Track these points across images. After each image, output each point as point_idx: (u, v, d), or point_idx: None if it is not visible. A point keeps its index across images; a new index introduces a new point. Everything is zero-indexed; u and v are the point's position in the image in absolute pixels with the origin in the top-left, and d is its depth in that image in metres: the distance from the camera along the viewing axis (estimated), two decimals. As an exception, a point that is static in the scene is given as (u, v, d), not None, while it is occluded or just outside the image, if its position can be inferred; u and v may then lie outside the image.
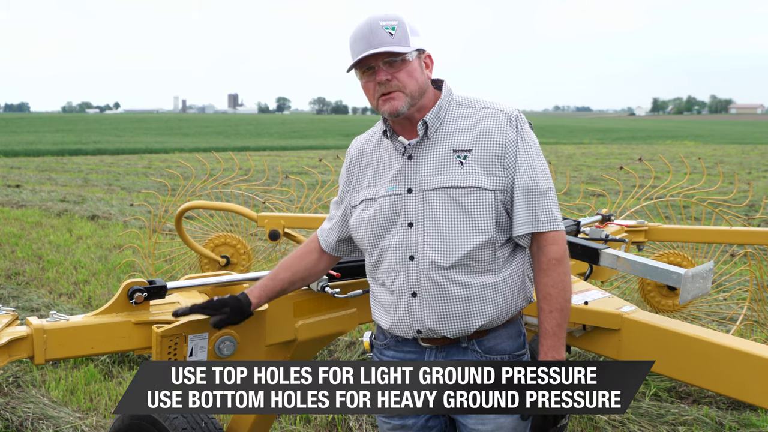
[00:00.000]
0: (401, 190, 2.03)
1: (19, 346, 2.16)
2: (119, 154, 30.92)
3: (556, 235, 2.01)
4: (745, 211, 8.70)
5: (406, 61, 1.97)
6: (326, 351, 5.09)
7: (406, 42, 1.96)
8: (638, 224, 4.26)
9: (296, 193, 6.72)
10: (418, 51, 2.00)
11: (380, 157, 2.12)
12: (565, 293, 2.00)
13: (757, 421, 3.96)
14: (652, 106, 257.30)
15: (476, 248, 1.97)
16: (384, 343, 2.17)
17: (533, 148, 2.02)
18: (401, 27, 1.96)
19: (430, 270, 1.99)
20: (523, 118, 2.04)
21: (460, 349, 2.06)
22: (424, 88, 2.02)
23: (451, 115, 2.04)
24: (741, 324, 4.61)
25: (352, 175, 2.20)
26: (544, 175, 2.02)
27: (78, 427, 3.89)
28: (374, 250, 2.10)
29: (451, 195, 1.97)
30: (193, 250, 4.95)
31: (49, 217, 11.60)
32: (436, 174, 1.99)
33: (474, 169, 1.97)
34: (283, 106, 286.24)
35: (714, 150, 35.26)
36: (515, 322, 2.12)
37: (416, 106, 2.02)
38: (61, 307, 6.14)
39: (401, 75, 1.97)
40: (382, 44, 1.94)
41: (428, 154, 2.02)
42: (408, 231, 2.01)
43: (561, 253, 2.01)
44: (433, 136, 2.03)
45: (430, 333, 2.04)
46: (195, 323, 2.26)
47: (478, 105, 2.05)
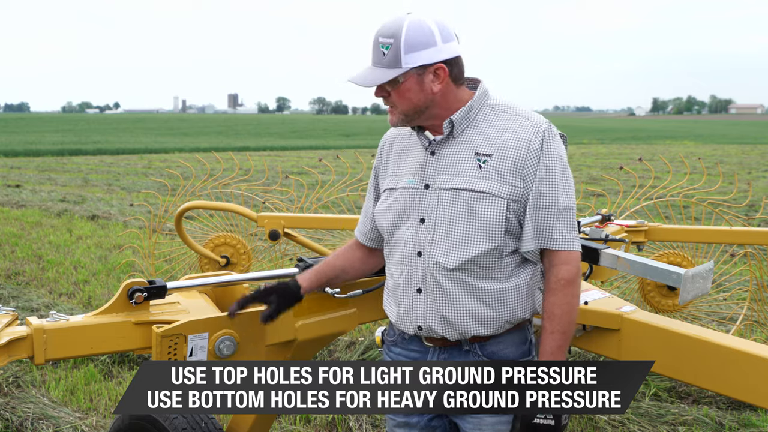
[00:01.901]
0: (419, 185, 2.03)
1: (19, 346, 2.16)
2: (119, 154, 30.90)
3: (568, 255, 1.97)
4: (745, 211, 8.70)
5: (397, 82, 1.96)
6: (326, 351, 5.09)
7: (396, 63, 1.92)
8: (638, 224, 4.26)
9: (296, 193, 6.71)
10: (418, 68, 1.94)
11: (409, 148, 2.11)
12: (570, 315, 1.96)
13: (757, 421, 3.96)
14: (652, 106, 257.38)
15: (482, 254, 1.95)
16: (392, 340, 2.18)
17: (558, 163, 1.96)
18: (395, 46, 1.92)
19: (434, 269, 1.99)
20: (553, 132, 1.98)
21: (462, 352, 2.05)
22: (423, 105, 1.98)
23: (481, 117, 2.02)
24: (741, 324, 4.61)
25: (380, 161, 2.20)
26: (565, 192, 1.97)
27: (78, 427, 3.89)
28: (389, 241, 2.11)
29: (464, 197, 1.96)
30: (193, 250, 4.95)
31: (49, 217, 11.60)
32: (454, 174, 1.98)
33: (490, 174, 1.94)
34: (283, 106, 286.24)
35: (714, 150, 35.26)
36: (521, 328, 2.09)
37: (421, 118, 2.01)
38: (61, 307, 6.14)
39: (393, 95, 1.98)
40: (375, 63, 1.96)
41: (450, 153, 2.01)
42: (419, 226, 2.01)
43: (572, 275, 1.96)
44: (458, 136, 2.01)
45: (429, 331, 2.03)
46: (195, 323, 2.26)
47: (510, 111, 2.02)
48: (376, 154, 2.25)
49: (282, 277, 2.75)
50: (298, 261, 2.68)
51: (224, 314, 2.34)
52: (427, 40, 1.93)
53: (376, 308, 2.77)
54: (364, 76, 1.97)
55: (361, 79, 1.98)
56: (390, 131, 2.22)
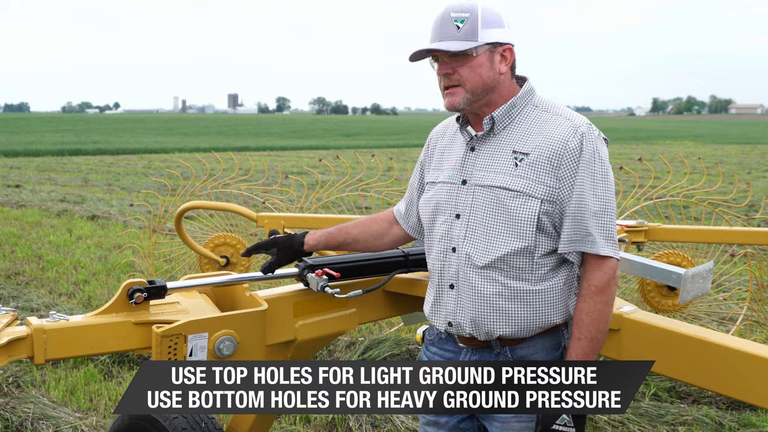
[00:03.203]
0: (457, 180, 2.03)
1: (18, 346, 2.16)
2: (119, 154, 30.89)
3: (602, 261, 1.93)
4: (745, 211, 8.69)
5: (469, 56, 1.93)
6: (326, 351, 5.09)
7: (473, 36, 1.91)
8: (638, 224, 4.26)
9: (296, 193, 6.72)
10: (491, 45, 1.94)
11: (453, 142, 2.11)
12: (599, 324, 1.92)
13: (757, 421, 3.96)
14: (651, 106, 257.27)
15: (512, 253, 1.93)
16: (431, 339, 2.18)
17: (597, 166, 1.92)
18: (471, 20, 1.91)
19: (466, 266, 1.98)
20: (594, 134, 1.95)
21: (493, 354, 2.03)
22: (491, 83, 1.97)
23: (524, 115, 2.00)
24: (741, 324, 4.61)
25: (427, 154, 2.22)
26: (604, 196, 1.92)
27: (78, 427, 3.89)
28: (429, 235, 2.12)
29: (498, 195, 1.95)
30: (192, 250, 4.95)
31: (49, 217, 11.60)
32: (491, 171, 1.97)
33: (526, 173, 1.92)
34: (283, 106, 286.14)
35: (714, 150, 35.26)
36: (555, 333, 2.04)
37: (482, 101, 1.98)
38: (61, 307, 6.14)
39: (463, 70, 1.95)
40: (446, 37, 1.93)
41: (489, 150, 2.00)
42: (455, 222, 2.01)
43: (604, 282, 1.92)
44: (499, 133, 2.00)
45: (459, 329, 2.03)
46: (195, 323, 2.26)
47: (552, 110, 1.99)
48: (423, 148, 2.26)
49: (282, 277, 2.75)
50: (298, 261, 2.67)
51: (224, 314, 2.34)
52: (499, 20, 1.95)
53: (376, 308, 2.77)
54: (440, 45, 1.93)
55: (438, 45, 1.93)
56: (438, 127, 2.22)
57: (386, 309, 2.79)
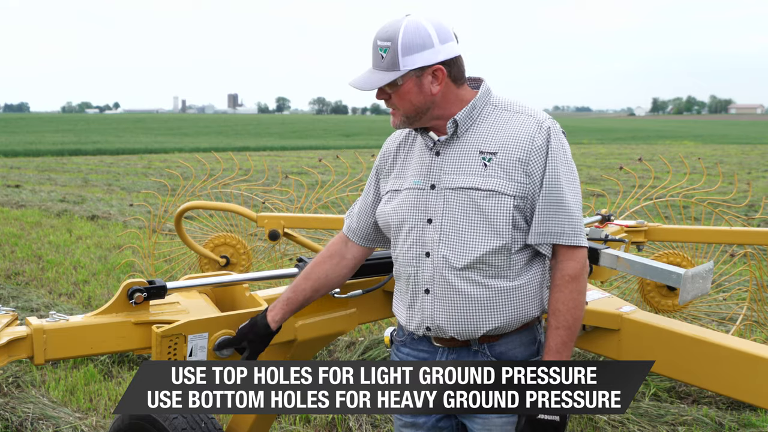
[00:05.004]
0: (425, 185, 2.03)
1: (18, 346, 2.16)
2: (119, 154, 30.90)
3: (573, 251, 1.97)
4: (745, 211, 8.69)
5: (396, 85, 1.97)
6: (326, 351, 5.09)
7: (394, 66, 1.93)
8: (638, 224, 4.26)
9: (296, 193, 6.71)
10: (416, 70, 1.95)
11: (413, 149, 2.12)
12: (575, 311, 1.96)
13: (757, 421, 3.96)
14: (651, 106, 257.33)
15: (491, 252, 1.95)
16: (401, 340, 2.17)
17: (562, 159, 1.97)
18: (393, 49, 1.93)
19: (443, 269, 1.99)
20: (557, 128, 1.99)
21: (471, 353, 2.04)
22: (424, 106, 1.99)
23: (484, 115, 2.03)
24: (741, 324, 4.61)
25: (383, 164, 2.21)
26: (569, 188, 1.97)
27: (78, 427, 3.89)
28: (396, 243, 2.11)
29: (471, 196, 1.96)
30: (192, 250, 4.95)
31: (49, 217, 11.60)
32: (460, 173, 1.99)
33: (496, 172, 1.95)
34: (282, 106, 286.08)
35: (714, 150, 35.27)
36: (530, 328, 2.08)
37: (424, 119, 2.01)
38: (60, 307, 6.14)
39: (395, 97, 2.00)
40: (375, 65, 1.97)
41: (455, 152, 2.01)
42: (427, 227, 2.02)
43: (577, 270, 1.96)
44: (462, 135, 2.02)
45: (438, 332, 2.03)
46: (195, 323, 2.26)
47: (513, 109, 2.02)
48: (378, 154, 2.25)
49: (282, 277, 2.75)
50: (298, 261, 2.67)
51: (224, 314, 2.34)
52: (424, 42, 1.93)
53: (376, 308, 2.77)
54: (364, 80, 1.99)
55: (360, 82, 1.99)
56: (394, 133, 2.22)
57: (386, 309, 2.79)
